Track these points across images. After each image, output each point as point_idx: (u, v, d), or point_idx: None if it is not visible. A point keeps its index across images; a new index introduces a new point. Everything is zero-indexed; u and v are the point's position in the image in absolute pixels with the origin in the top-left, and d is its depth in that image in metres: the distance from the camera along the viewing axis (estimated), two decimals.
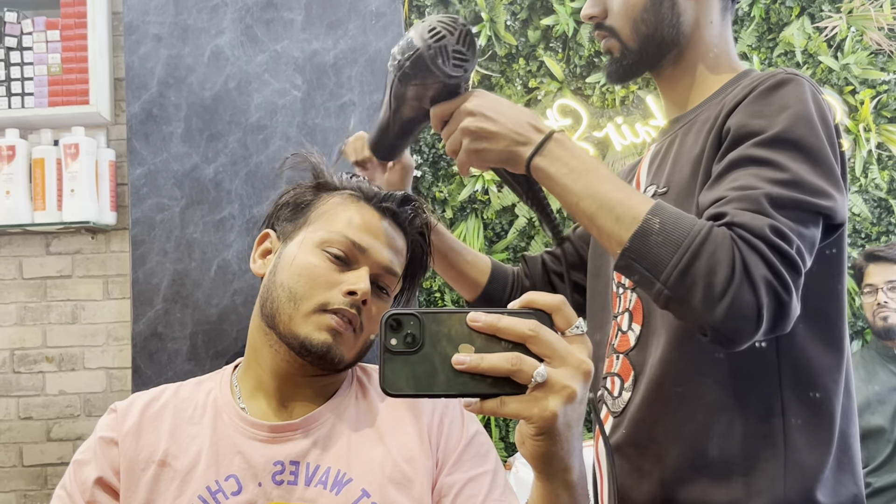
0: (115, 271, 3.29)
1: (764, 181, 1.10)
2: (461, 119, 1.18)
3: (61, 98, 3.15)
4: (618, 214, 1.10)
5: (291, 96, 3.10)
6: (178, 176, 3.09)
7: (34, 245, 3.30)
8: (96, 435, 1.20)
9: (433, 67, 1.14)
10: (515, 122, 1.17)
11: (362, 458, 1.15)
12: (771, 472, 1.18)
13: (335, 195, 1.25)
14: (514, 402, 0.75)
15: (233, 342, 3.02)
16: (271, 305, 1.18)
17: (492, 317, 0.75)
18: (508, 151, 1.17)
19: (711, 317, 1.06)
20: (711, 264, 1.04)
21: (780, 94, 1.17)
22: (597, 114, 3.28)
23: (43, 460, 3.26)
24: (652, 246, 1.07)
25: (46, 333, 3.29)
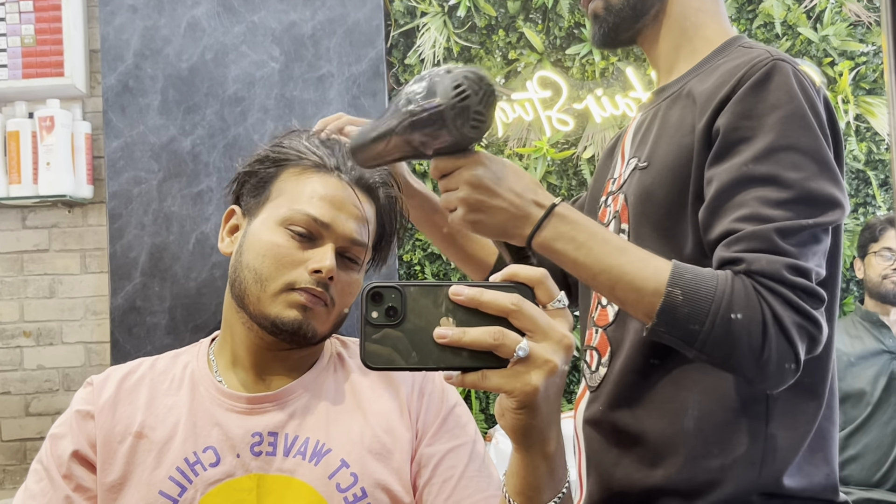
0: (93, 245, 3.27)
1: (769, 205, 1.11)
2: (460, 186, 1.13)
3: (35, 70, 3.12)
4: (637, 287, 1.10)
5: (269, 68, 3.09)
6: (156, 149, 3.08)
7: (10, 219, 3.29)
8: (72, 409, 1.20)
9: (451, 126, 1.09)
10: (515, 195, 1.13)
11: (341, 429, 1.16)
12: (748, 454, 1.19)
13: (297, 166, 1.22)
14: (495, 376, 0.75)
15: (212, 316, 3.02)
16: (240, 286, 1.18)
17: (474, 290, 0.75)
18: (507, 226, 1.14)
19: (753, 373, 1.09)
20: (743, 324, 1.06)
21: (769, 89, 1.16)
22: (577, 85, 3.28)
23: (21, 435, 3.26)
24: (680, 318, 1.08)
25: (24, 308, 3.28)
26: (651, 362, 1.24)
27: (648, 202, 1.25)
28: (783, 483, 1.19)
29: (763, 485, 1.19)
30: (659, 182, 1.23)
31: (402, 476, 1.14)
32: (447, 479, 1.13)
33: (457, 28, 3.28)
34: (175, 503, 1.11)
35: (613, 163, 1.44)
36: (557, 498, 0.85)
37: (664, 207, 1.23)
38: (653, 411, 1.24)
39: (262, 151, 1.25)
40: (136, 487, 1.13)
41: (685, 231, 1.21)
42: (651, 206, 1.25)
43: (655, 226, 1.24)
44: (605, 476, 1.30)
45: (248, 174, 1.25)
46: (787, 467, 1.19)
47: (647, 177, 1.25)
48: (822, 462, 1.23)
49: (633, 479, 1.25)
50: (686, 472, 1.21)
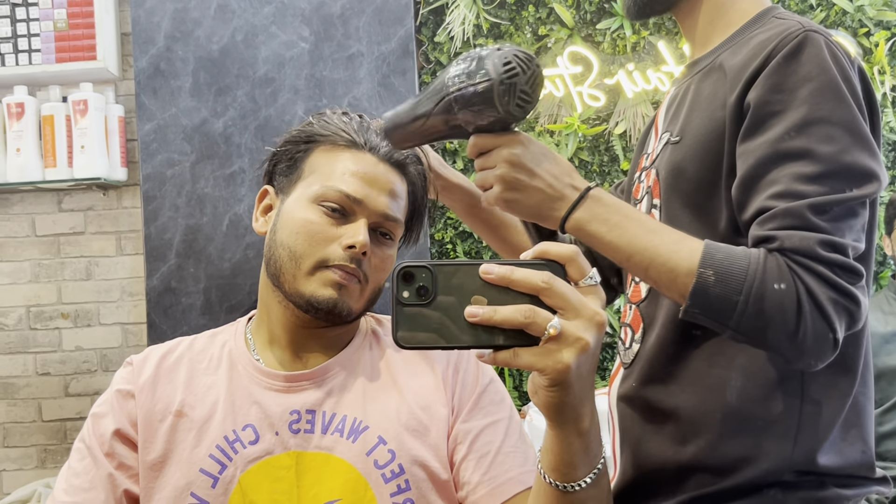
0: (128, 227, 3.31)
1: (802, 181, 1.09)
2: (498, 164, 1.14)
3: (68, 54, 3.15)
4: (671, 269, 1.10)
5: (299, 48, 3.09)
6: (188, 131, 3.10)
7: (46, 202, 3.33)
8: (113, 388, 1.23)
9: (497, 102, 1.09)
10: (552, 177, 1.14)
11: (378, 406, 1.18)
12: (782, 431, 1.19)
13: (328, 144, 1.23)
14: (527, 353, 0.76)
15: (246, 296, 3.05)
16: (275, 265, 1.19)
17: (505, 269, 0.76)
18: (542, 207, 1.15)
19: (790, 351, 1.08)
20: (777, 302, 1.05)
21: (800, 62, 1.14)
22: (608, 61, 3.26)
23: (62, 415, 3.32)
24: (714, 299, 1.08)
25: (61, 290, 3.33)
26: (683, 338, 1.24)
27: (680, 177, 1.24)
28: (817, 460, 1.18)
29: (797, 462, 1.18)
30: (690, 157, 1.23)
31: (439, 452, 1.16)
32: (483, 455, 1.14)
33: (486, 4, 3.27)
34: (216, 480, 1.13)
35: (649, 138, 1.44)
36: (592, 474, 0.86)
37: (696, 182, 1.22)
38: (686, 387, 1.24)
39: (294, 131, 1.27)
40: (177, 465, 1.15)
41: (718, 206, 1.20)
42: (682, 181, 1.24)
43: (687, 201, 1.24)
44: (638, 452, 1.31)
45: (281, 154, 1.26)
46: (821, 444, 1.19)
47: (679, 151, 1.25)
48: (858, 438, 1.22)
49: (665, 456, 1.26)
50: (719, 449, 1.21)
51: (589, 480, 0.86)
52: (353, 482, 1.12)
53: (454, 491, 1.16)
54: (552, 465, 0.86)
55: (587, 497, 0.87)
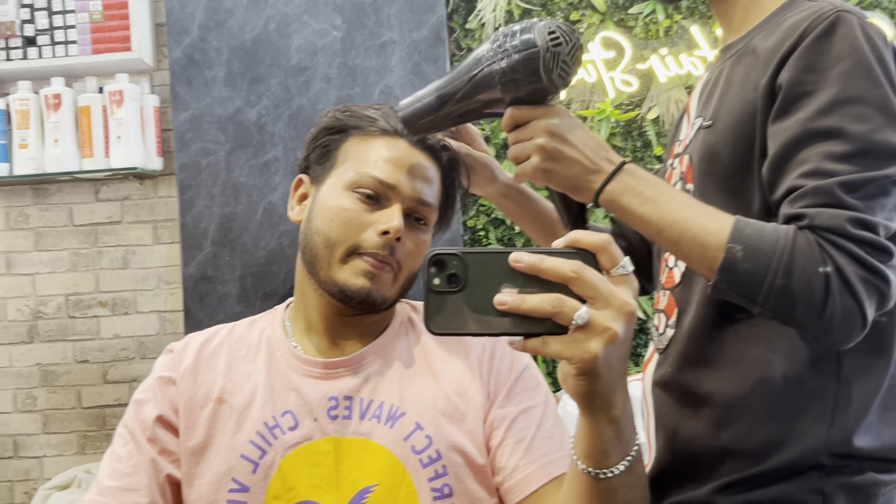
0: (164, 216, 3.35)
1: (833, 160, 1.08)
2: (537, 134, 1.15)
3: (104, 45, 3.19)
4: (701, 243, 1.10)
5: (331, 37, 3.11)
6: (222, 120, 3.13)
7: (84, 192, 3.38)
8: (154, 375, 1.25)
9: (541, 70, 1.10)
10: (590, 149, 1.15)
11: (414, 393, 1.19)
12: (818, 413, 1.18)
13: (361, 132, 1.25)
14: (555, 342, 0.76)
15: (281, 284, 3.08)
16: (310, 252, 1.21)
17: (534, 257, 0.76)
18: (578, 178, 1.16)
19: (817, 329, 1.08)
20: (805, 278, 1.05)
21: (832, 42, 1.13)
22: (640, 45, 3.24)
23: (100, 402, 3.37)
24: (742, 274, 1.08)
25: (99, 278, 3.38)
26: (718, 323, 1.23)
27: (713, 161, 1.24)
28: (854, 442, 1.18)
29: (834, 444, 1.17)
30: (723, 140, 1.22)
31: (476, 438, 1.17)
32: (520, 440, 1.15)
33: None
34: (256, 466, 1.15)
35: (681, 124, 1.43)
36: (626, 461, 0.86)
37: (729, 166, 1.22)
38: (720, 372, 1.24)
39: (327, 119, 1.28)
40: (218, 451, 1.17)
41: (751, 190, 1.20)
42: (715, 165, 1.24)
43: (720, 185, 1.23)
44: (673, 437, 1.31)
45: (315, 142, 1.28)
46: (857, 427, 1.18)
47: (712, 135, 1.24)
48: (895, 420, 1.22)
49: (702, 440, 1.26)
50: (755, 433, 1.21)
51: (622, 467, 0.86)
52: (391, 467, 1.14)
53: (490, 476, 1.17)
54: (585, 452, 0.87)
55: (621, 483, 0.88)
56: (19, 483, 3.37)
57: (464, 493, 1.15)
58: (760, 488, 1.21)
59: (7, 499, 3.37)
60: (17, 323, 3.38)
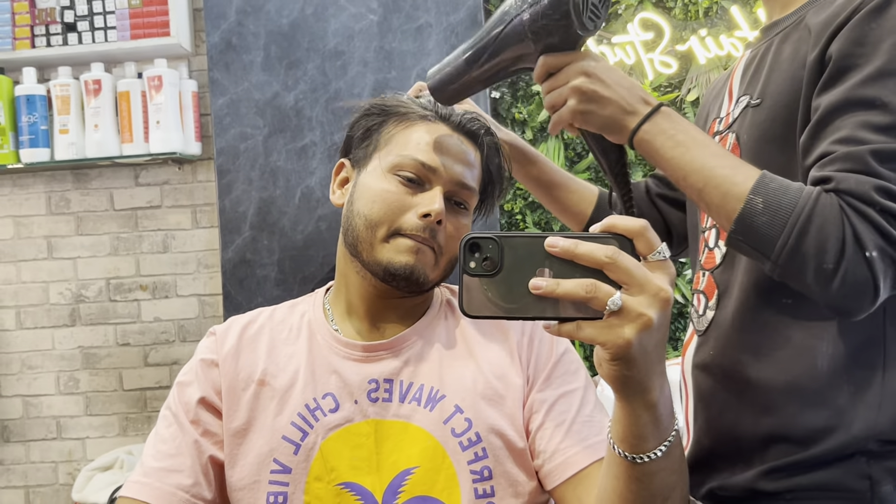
0: (203, 200, 3.39)
1: (868, 130, 1.07)
2: (573, 77, 1.16)
3: (143, 31, 3.22)
4: (724, 191, 1.09)
5: (368, 20, 3.11)
6: (260, 105, 3.14)
7: (124, 177, 3.42)
8: (197, 357, 1.27)
9: (572, 14, 1.11)
10: (627, 90, 1.16)
11: (454, 376, 1.20)
12: (864, 399, 1.17)
13: (402, 117, 1.26)
14: (589, 327, 0.76)
15: (319, 267, 3.10)
16: (352, 234, 1.22)
17: (569, 242, 0.76)
18: (615, 118, 1.16)
19: (826, 293, 1.06)
20: (821, 240, 1.04)
21: (886, 16, 1.11)
22: (679, 26, 3.22)
23: (141, 384, 3.42)
24: (758, 227, 1.07)
25: (139, 263, 3.42)
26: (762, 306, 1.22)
27: (762, 140, 1.23)
28: None
29: (881, 430, 1.16)
30: (773, 118, 1.21)
31: (515, 421, 1.17)
32: (559, 424, 1.15)
33: None
34: (297, 447, 1.17)
35: (719, 102, 1.42)
36: (664, 446, 0.87)
37: (779, 145, 1.20)
38: (763, 356, 1.23)
39: (368, 104, 1.29)
40: (260, 433, 1.19)
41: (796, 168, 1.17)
42: (765, 143, 1.22)
43: (769, 164, 1.20)
44: (714, 422, 1.30)
45: (356, 127, 1.29)
46: None
47: (761, 114, 1.23)
48: None
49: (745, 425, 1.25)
50: (800, 419, 1.19)
51: (659, 453, 0.87)
52: (431, 450, 1.15)
53: (530, 459, 1.18)
54: (621, 436, 0.87)
55: (658, 468, 0.88)
56: (63, 464, 3.44)
57: (503, 475, 1.15)
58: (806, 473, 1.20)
59: (51, 479, 3.44)
60: (59, 306, 3.44)
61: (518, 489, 1.16)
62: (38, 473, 3.45)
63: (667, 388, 0.85)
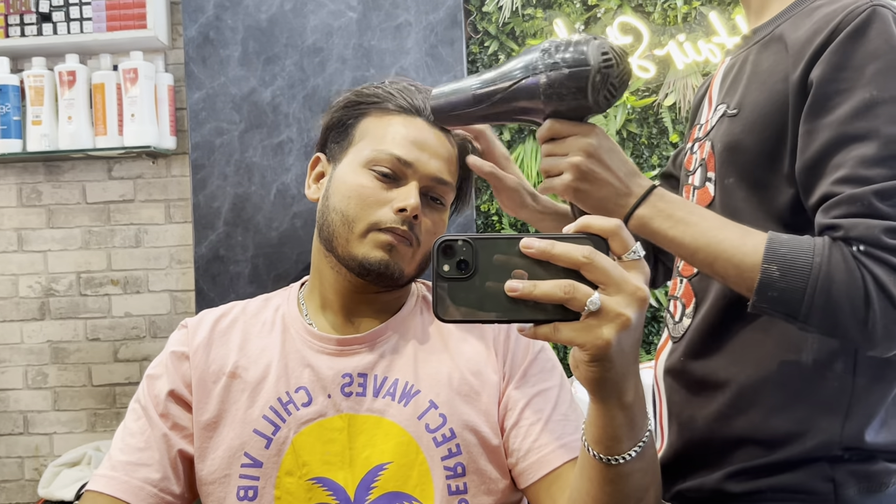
0: (177, 195, 3.37)
1: (868, 165, 1.07)
2: (574, 152, 1.14)
3: (119, 23, 3.20)
4: (736, 264, 1.09)
5: (347, 17, 3.11)
6: (237, 100, 3.14)
7: (97, 170, 3.40)
8: (168, 350, 1.26)
9: (588, 89, 1.09)
10: (623, 173, 1.15)
11: (429, 371, 1.20)
12: (833, 406, 1.18)
13: (379, 110, 1.25)
14: (567, 329, 0.76)
15: (293, 265, 3.09)
16: (328, 230, 1.22)
17: (545, 243, 0.76)
18: (608, 201, 1.15)
19: (862, 341, 1.08)
20: (845, 293, 1.05)
21: (867, 38, 1.11)
22: (658, 31, 3.24)
23: (111, 380, 3.40)
24: (779, 294, 1.07)
25: (111, 257, 3.40)
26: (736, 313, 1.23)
27: (737, 150, 1.23)
28: (866, 437, 1.18)
29: (847, 438, 1.18)
30: (749, 130, 1.21)
31: (490, 418, 1.18)
32: (534, 422, 1.16)
33: None
34: (269, 441, 1.16)
35: (702, 108, 1.42)
36: (637, 447, 0.87)
37: (754, 157, 1.21)
38: (736, 361, 1.24)
39: (344, 97, 1.29)
40: (231, 426, 1.18)
41: (777, 183, 1.19)
42: (740, 154, 1.23)
43: (743, 175, 1.23)
44: (686, 425, 1.31)
45: (332, 121, 1.29)
46: (871, 421, 1.18)
47: (737, 124, 1.24)
48: None
49: (714, 428, 1.26)
50: (769, 423, 1.21)
51: (633, 454, 0.87)
52: (405, 445, 1.15)
53: (504, 457, 1.18)
54: (596, 438, 0.87)
55: (632, 469, 0.89)
56: (29, 459, 3.41)
57: (476, 472, 1.16)
58: (771, 476, 1.21)
59: (17, 475, 3.41)
60: (28, 300, 3.41)
61: (491, 486, 1.16)
62: (4, 469, 3.41)
63: (640, 389, 0.85)
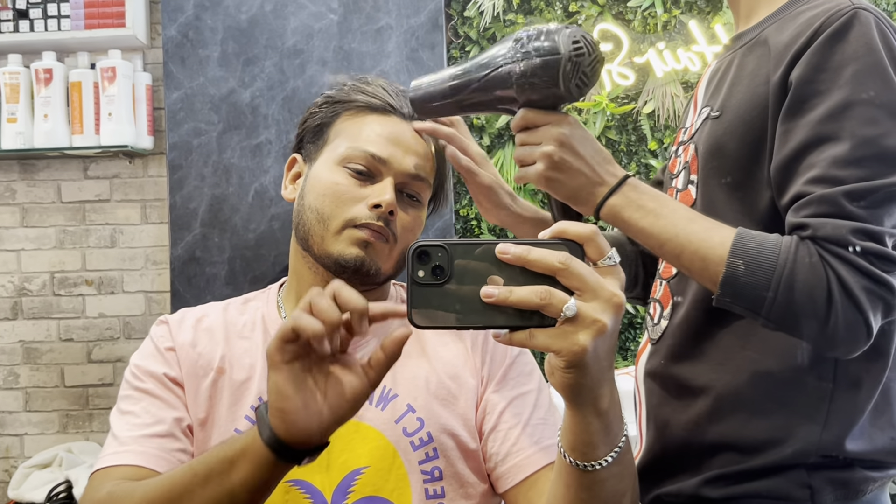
0: (153, 196, 3.36)
1: (840, 166, 1.08)
2: (547, 141, 1.14)
3: (97, 21, 3.18)
4: (702, 257, 1.11)
5: (328, 20, 3.11)
6: (215, 100, 3.13)
7: (72, 169, 3.37)
8: (151, 344, 1.23)
9: (560, 78, 1.10)
10: (596, 162, 1.16)
11: (407, 375, 1.20)
12: (811, 413, 1.19)
13: (354, 108, 1.25)
14: (543, 335, 0.77)
15: (270, 267, 3.09)
16: (303, 229, 1.22)
17: (521, 248, 0.76)
18: (582, 190, 1.16)
19: (821, 341, 1.09)
20: (807, 291, 1.06)
21: (847, 40, 1.12)
22: (638, 39, 3.25)
23: (84, 381, 3.37)
24: (743, 288, 1.08)
25: (86, 257, 3.38)
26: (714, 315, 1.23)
27: (719, 154, 1.24)
28: (845, 445, 1.19)
29: (825, 446, 1.19)
30: (731, 133, 1.22)
31: (468, 422, 1.18)
32: (512, 426, 1.16)
33: None
34: None
35: (687, 112, 1.43)
36: (614, 453, 0.87)
37: (735, 159, 1.22)
38: (715, 365, 1.25)
39: (319, 99, 1.29)
40: (217, 426, 1.17)
41: (758, 186, 1.20)
42: (722, 157, 1.24)
43: (726, 178, 1.24)
44: (664, 429, 1.32)
45: (308, 121, 1.29)
46: (850, 429, 1.19)
47: (719, 127, 1.24)
48: (888, 425, 1.22)
49: (692, 433, 1.27)
50: (747, 429, 1.22)
51: (610, 460, 0.87)
52: (382, 449, 1.15)
53: (482, 461, 1.18)
54: (572, 445, 0.88)
55: (609, 475, 0.89)
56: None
57: (454, 476, 1.16)
58: (749, 482, 1.22)
59: None
60: (0, 299, 3.38)
61: (469, 490, 1.17)
62: None
63: (616, 395, 0.86)
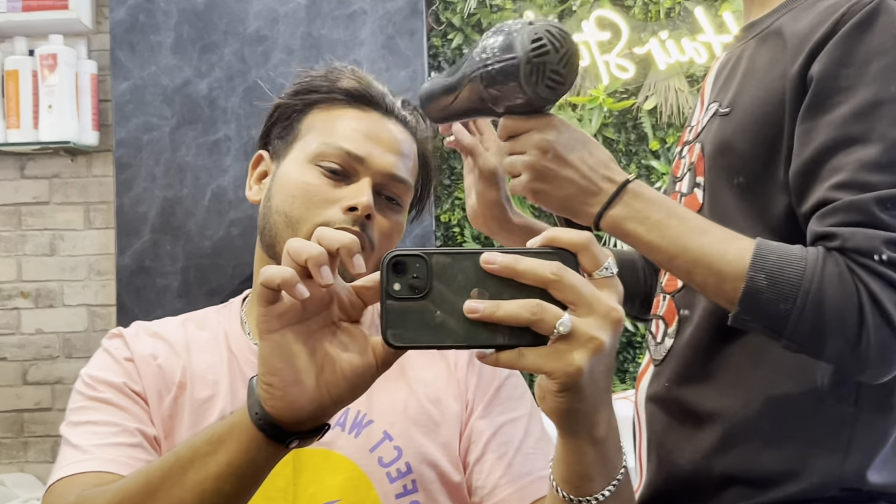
0: (98, 198, 3.33)
1: (870, 170, 1.07)
2: (528, 149, 1.13)
3: (36, 2, 3.16)
4: (717, 271, 1.09)
5: (294, 3, 3.11)
6: (168, 92, 3.12)
7: (7, 167, 3.35)
8: (107, 354, 1.20)
9: (524, 83, 1.08)
10: (588, 167, 1.13)
11: (384, 399, 1.18)
12: (832, 442, 1.18)
13: (328, 100, 1.24)
14: (533, 354, 0.74)
15: (229, 279, 3.07)
16: (270, 233, 1.20)
17: (509, 258, 0.74)
18: (574, 200, 1.15)
19: (851, 364, 1.08)
20: (838, 310, 1.05)
21: (872, 32, 1.12)
22: (639, 27, 3.26)
23: (18, 405, 3.34)
24: (764, 306, 1.07)
25: (21, 266, 3.35)
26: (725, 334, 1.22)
27: (728, 153, 1.23)
28: (868, 477, 1.18)
29: (846, 478, 1.18)
30: (741, 131, 1.21)
31: (451, 451, 1.16)
32: (501, 455, 1.14)
33: None
34: None
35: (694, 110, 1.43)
36: (611, 486, 0.85)
37: (746, 160, 1.21)
38: (725, 390, 1.24)
39: (290, 87, 1.27)
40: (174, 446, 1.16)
41: (771, 189, 1.19)
42: (731, 158, 1.23)
43: (735, 180, 1.23)
44: (668, 460, 1.31)
45: (276, 114, 1.28)
46: (873, 459, 1.18)
47: (729, 124, 1.24)
48: None
49: (700, 465, 1.25)
50: (761, 460, 1.20)
51: (607, 493, 0.85)
52: (355, 480, 1.13)
53: (466, 495, 1.17)
54: (565, 477, 0.86)
55: None
56: None
57: None
58: None
59: None
60: None
61: None
62: None
63: (614, 422, 0.84)
